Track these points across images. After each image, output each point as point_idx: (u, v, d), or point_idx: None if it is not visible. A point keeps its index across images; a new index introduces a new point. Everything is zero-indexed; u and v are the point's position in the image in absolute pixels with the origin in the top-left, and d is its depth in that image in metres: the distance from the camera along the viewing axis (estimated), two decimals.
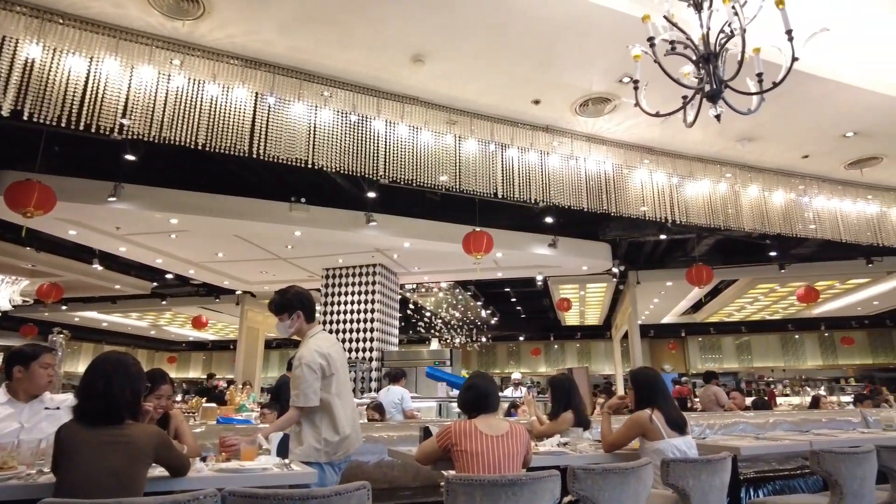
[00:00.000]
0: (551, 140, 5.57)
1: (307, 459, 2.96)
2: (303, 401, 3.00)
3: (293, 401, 3.04)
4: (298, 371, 3.07)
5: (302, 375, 3.03)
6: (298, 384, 3.03)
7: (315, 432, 3.04)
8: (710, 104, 2.59)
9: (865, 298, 16.67)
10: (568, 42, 4.27)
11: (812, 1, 4.16)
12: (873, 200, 7.00)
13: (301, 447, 3.02)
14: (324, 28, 4.22)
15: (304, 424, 3.06)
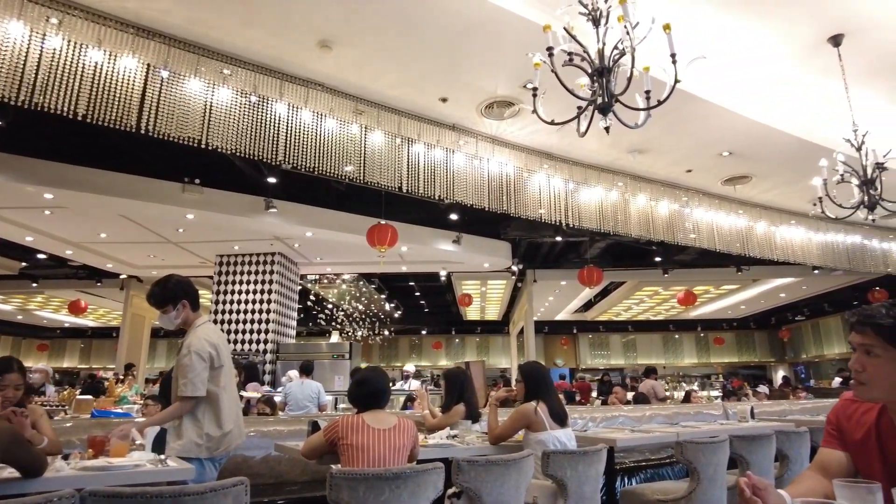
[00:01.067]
0: (457, 139, 5.65)
1: (186, 455, 2.81)
2: (191, 390, 2.85)
3: (181, 390, 2.88)
4: (187, 360, 2.91)
5: (191, 364, 2.89)
6: (187, 373, 2.88)
7: (196, 426, 2.90)
8: (601, 116, 2.73)
9: (735, 303, 18.45)
10: (476, 43, 4.35)
11: (700, 30, 4.52)
12: (743, 215, 7.74)
13: (180, 441, 2.87)
14: (227, 1, 4.00)
15: (184, 417, 2.90)
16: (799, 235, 8.28)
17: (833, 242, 8.64)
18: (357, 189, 7.59)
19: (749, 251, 7.84)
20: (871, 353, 1.49)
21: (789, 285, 15.52)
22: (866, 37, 4.66)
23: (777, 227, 8.07)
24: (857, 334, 1.53)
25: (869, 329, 1.50)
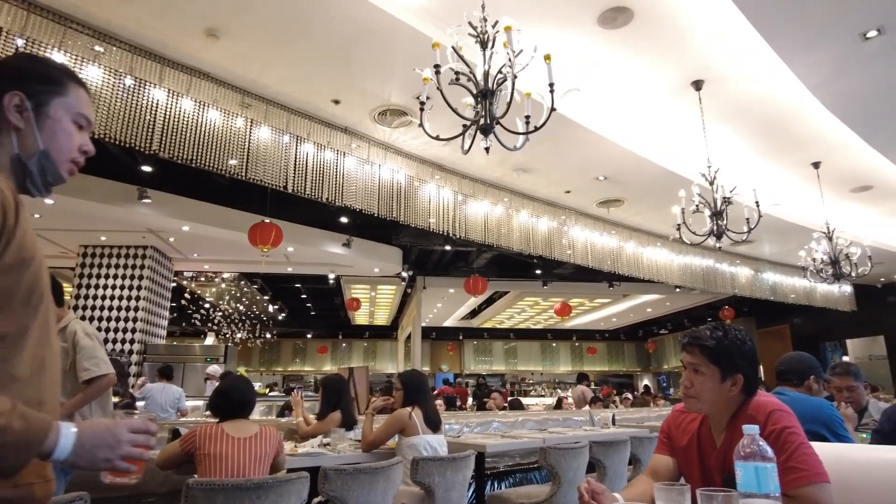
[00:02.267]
0: (349, 142, 5.61)
1: None
2: (105, 367, 2.77)
3: (92, 372, 2.74)
4: (86, 340, 2.80)
5: (93, 344, 2.80)
6: (95, 352, 2.78)
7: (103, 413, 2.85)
8: (483, 137, 2.85)
9: (607, 315, 19.83)
10: (369, 50, 4.36)
11: (583, 62, 4.86)
12: (615, 235, 8.37)
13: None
14: None
15: (94, 403, 2.79)
16: (663, 257, 9.10)
17: (691, 265, 9.60)
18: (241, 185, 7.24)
19: (619, 269, 8.48)
20: (698, 371, 1.68)
21: (655, 301, 16.96)
22: (722, 85, 5.26)
23: (644, 248, 8.81)
24: (688, 354, 1.72)
25: (696, 349, 1.69)
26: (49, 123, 1.10)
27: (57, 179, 1.13)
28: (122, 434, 1.00)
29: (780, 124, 6.02)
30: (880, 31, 4.23)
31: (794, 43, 4.39)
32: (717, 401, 1.66)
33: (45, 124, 1.09)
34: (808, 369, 2.79)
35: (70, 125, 1.13)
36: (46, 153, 1.09)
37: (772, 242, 9.88)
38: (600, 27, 4.44)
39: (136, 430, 1.02)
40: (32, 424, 0.90)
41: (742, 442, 1.29)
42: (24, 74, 1.10)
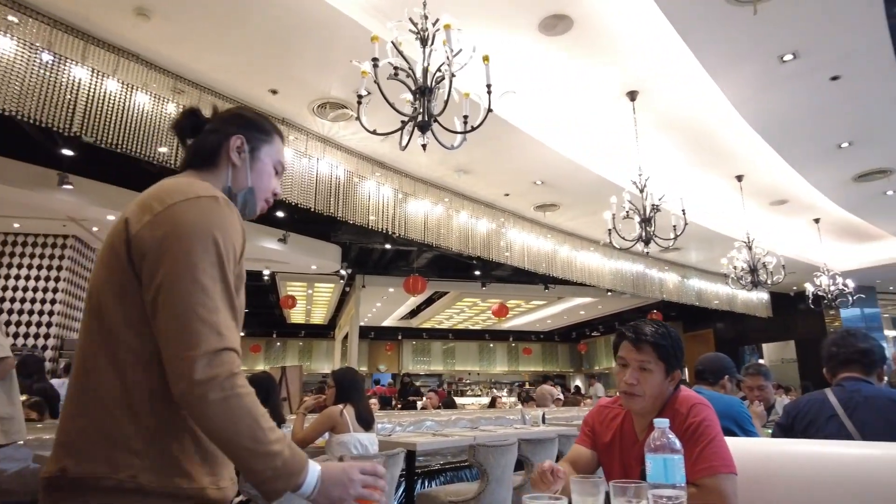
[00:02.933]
0: (287, 134, 5.47)
1: None
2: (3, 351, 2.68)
3: None
4: None
5: None
6: None
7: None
8: (421, 134, 2.85)
9: (542, 317, 20.27)
10: (310, 40, 4.27)
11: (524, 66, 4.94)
12: (550, 239, 8.56)
13: None
14: None
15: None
16: (595, 261, 9.38)
17: (622, 269, 9.95)
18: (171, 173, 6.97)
19: (553, 272, 8.69)
20: (646, 369, 1.67)
21: (588, 304, 17.48)
22: (655, 97, 5.48)
23: (578, 252, 9.06)
24: (635, 350, 1.69)
25: (649, 347, 1.68)
26: (258, 165, 1.27)
27: (252, 213, 1.28)
28: (355, 475, 1.07)
29: (708, 138, 6.34)
30: (795, 55, 4.53)
31: (719, 59, 4.63)
32: (657, 397, 1.68)
33: (256, 166, 1.26)
34: (723, 369, 2.94)
35: (271, 169, 1.30)
36: (252, 189, 1.26)
37: (698, 250, 10.39)
38: (541, 33, 4.53)
39: (366, 473, 1.10)
40: (297, 456, 1.01)
41: (652, 435, 1.34)
42: (247, 123, 1.28)
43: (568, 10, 4.26)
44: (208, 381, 0.94)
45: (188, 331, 0.96)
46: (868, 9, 4.06)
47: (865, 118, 5.70)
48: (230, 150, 1.23)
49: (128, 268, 1.03)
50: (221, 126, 1.25)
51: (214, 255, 1.03)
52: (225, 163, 1.23)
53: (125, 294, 1.03)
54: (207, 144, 1.24)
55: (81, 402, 1.03)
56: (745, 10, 3.97)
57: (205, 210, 1.06)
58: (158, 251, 1.01)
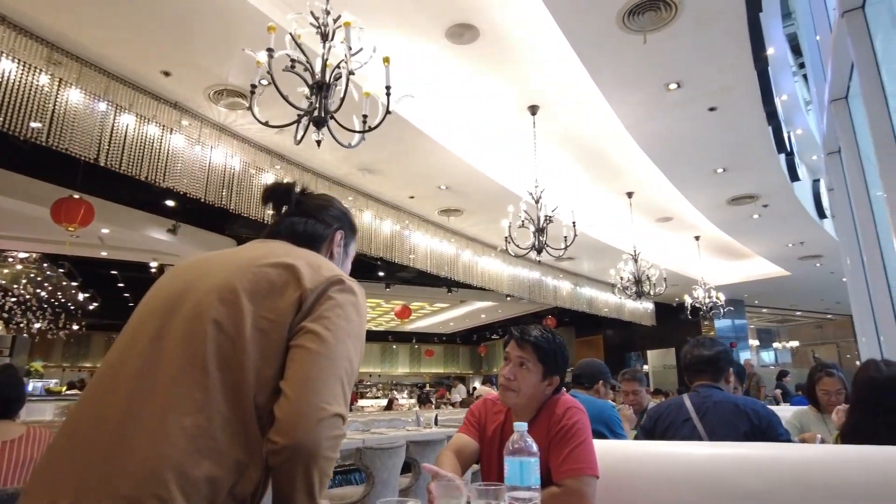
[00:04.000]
0: (179, 118, 5.15)
1: None
2: None
3: None
4: None
5: None
6: None
7: None
8: (316, 129, 2.78)
9: (445, 320, 20.52)
10: (209, 23, 4.05)
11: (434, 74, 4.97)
12: (453, 243, 8.68)
13: None
14: None
15: None
16: (495, 267, 9.63)
17: (520, 276, 10.28)
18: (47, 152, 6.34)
19: (455, 276, 8.81)
20: (524, 366, 1.74)
21: (489, 308, 17.91)
22: (555, 112, 5.72)
23: (479, 258, 9.26)
24: (518, 348, 1.76)
25: (529, 346, 1.75)
26: (347, 259, 1.45)
27: None
28: None
29: (602, 155, 6.70)
30: (679, 84, 4.90)
31: (613, 82, 4.92)
32: (532, 396, 1.75)
33: (346, 260, 1.45)
34: (598, 374, 3.11)
35: (350, 261, 1.48)
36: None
37: (590, 260, 10.96)
38: (449, 41, 4.58)
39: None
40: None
41: (511, 437, 1.38)
42: (349, 222, 1.46)
43: (475, 20, 4.35)
44: (329, 438, 0.99)
45: (331, 388, 1.02)
46: (739, 50, 4.48)
47: (738, 147, 6.28)
48: (334, 243, 1.39)
49: (291, 308, 1.10)
50: (330, 219, 1.41)
51: (361, 340, 1.15)
52: (325, 251, 1.37)
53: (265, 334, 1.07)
54: (318, 233, 1.37)
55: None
56: (637, 38, 4.24)
57: (362, 297, 1.20)
58: (329, 307, 1.10)
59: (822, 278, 12.55)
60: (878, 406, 1.95)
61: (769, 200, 7.96)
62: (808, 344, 20.90)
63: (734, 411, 2.20)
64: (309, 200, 1.44)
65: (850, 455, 1.63)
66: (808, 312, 18.81)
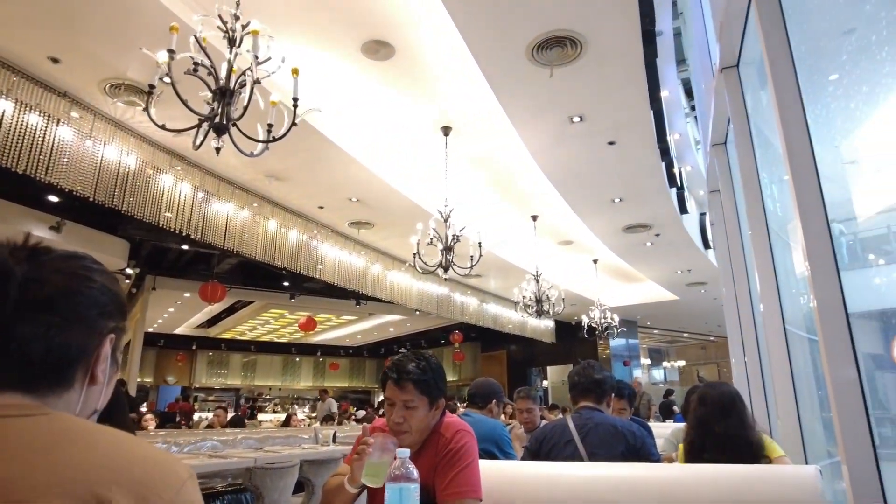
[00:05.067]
0: (68, 109, 4.77)
1: None
2: None
3: None
4: None
5: None
6: None
7: None
8: (216, 135, 2.68)
9: (353, 332, 20.22)
10: (106, 11, 3.80)
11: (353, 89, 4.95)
12: (363, 256, 8.61)
13: None
14: None
15: None
16: (405, 281, 9.64)
17: (429, 291, 10.35)
18: None
19: (364, 289, 8.73)
20: (410, 407, 1.70)
21: (397, 322, 17.86)
22: (466, 134, 5.86)
23: (388, 272, 9.23)
24: (399, 390, 1.71)
25: (410, 385, 1.70)
26: (115, 370, 0.83)
27: None
28: None
29: (510, 178, 6.94)
30: (582, 118, 5.20)
31: (521, 111, 5.13)
32: (425, 428, 1.74)
33: (114, 370, 0.82)
34: (491, 394, 3.19)
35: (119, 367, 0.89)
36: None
37: (496, 278, 11.26)
38: (364, 56, 4.59)
39: None
40: None
41: (394, 464, 1.39)
42: (117, 306, 0.81)
43: (390, 38, 4.39)
44: None
45: None
46: (637, 90, 4.83)
47: (634, 180, 6.73)
48: (100, 359, 0.77)
49: None
50: (93, 315, 0.76)
51: None
52: (83, 380, 0.76)
53: None
54: (71, 353, 0.73)
55: None
56: (545, 71, 4.45)
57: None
58: None
59: (706, 304, 13.64)
60: (705, 425, 2.21)
61: (661, 230, 8.56)
62: (694, 363, 22.64)
63: (613, 433, 2.34)
64: (50, 277, 0.73)
65: (701, 474, 1.80)
66: (694, 334, 20.37)
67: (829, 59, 2.50)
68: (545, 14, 3.91)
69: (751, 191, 3.27)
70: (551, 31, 4.05)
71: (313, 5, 4.05)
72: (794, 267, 3.16)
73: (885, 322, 2.41)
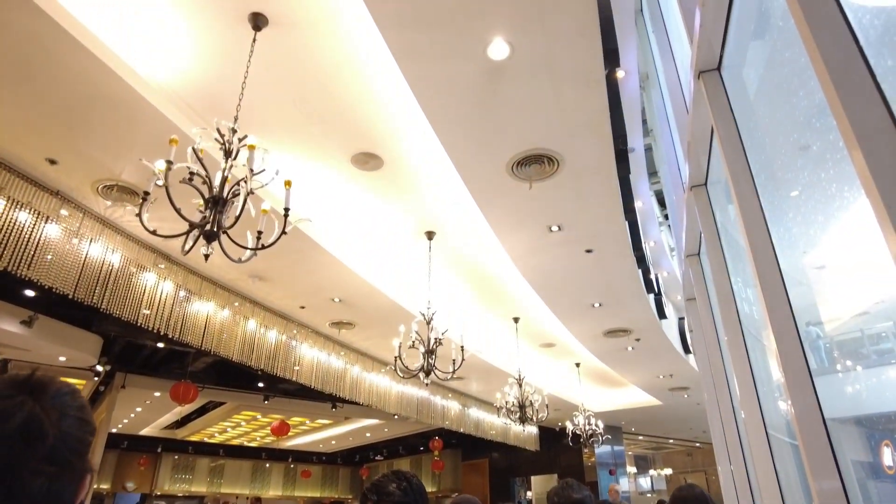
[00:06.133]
0: (58, 207, 4.85)
1: None
2: None
3: None
4: None
5: None
6: None
7: None
8: (206, 242, 2.74)
9: (327, 437, 19.35)
10: (106, 117, 3.99)
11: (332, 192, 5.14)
12: (342, 357, 8.47)
13: None
14: None
15: None
16: (383, 384, 9.43)
17: (408, 394, 10.11)
18: None
19: (342, 392, 8.50)
20: None
21: (375, 426, 17.19)
22: (449, 239, 6.03)
23: (368, 374, 9.05)
24: None
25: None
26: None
27: None
28: None
29: (491, 281, 7.05)
30: (560, 227, 5.41)
31: (502, 219, 5.33)
32: None
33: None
34: None
35: None
36: None
37: (478, 381, 11.07)
38: (354, 166, 4.82)
39: None
40: None
41: None
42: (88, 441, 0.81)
43: (379, 151, 4.64)
44: None
45: None
46: (612, 202, 5.08)
47: (612, 286, 6.88)
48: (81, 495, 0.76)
49: None
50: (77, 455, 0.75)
51: None
52: None
53: None
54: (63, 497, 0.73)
55: None
56: (524, 185, 4.70)
57: None
58: None
59: (689, 408, 13.45)
60: None
61: (640, 335, 8.63)
62: (681, 471, 21.87)
63: None
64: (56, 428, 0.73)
65: None
66: (680, 440, 19.88)
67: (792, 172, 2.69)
68: (523, 135, 4.20)
69: (725, 303, 3.37)
70: (529, 149, 4.33)
71: (308, 119, 4.30)
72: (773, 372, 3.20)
73: (871, 427, 2.41)
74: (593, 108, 4.01)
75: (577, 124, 4.16)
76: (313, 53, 3.77)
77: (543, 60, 3.57)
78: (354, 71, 3.90)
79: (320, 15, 3.49)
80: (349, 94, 4.10)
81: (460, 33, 3.35)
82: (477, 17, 3.24)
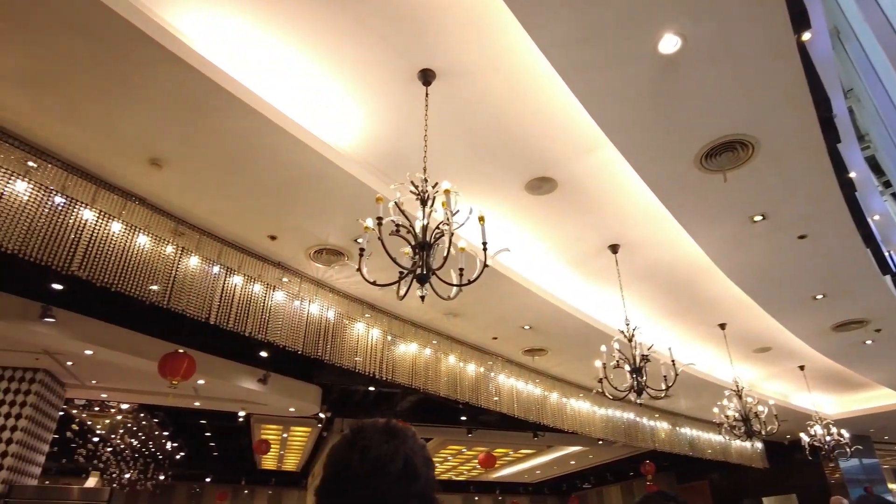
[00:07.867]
0: (281, 276, 5.58)
1: None
2: None
3: None
4: None
5: None
6: None
7: None
8: (419, 285, 2.94)
9: (531, 467, 19.22)
10: (312, 192, 4.52)
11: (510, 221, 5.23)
12: (539, 384, 8.43)
13: None
14: (47, 94, 3.74)
15: None
16: (585, 408, 9.17)
17: (613, 417, 9.69)
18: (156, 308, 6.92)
19: (543, 419, 8.43)
20: None
21: (578, 453, 16.70)
22: (635, 250, 5.77)
23: (567, 399, 8.88)
24: None
25: None
26: None
27: None
28: None
29: (688, 288, 6.56)
30: (764, 216, 4.88)
31: (696, 220, 4.96)
32: None
33: None
34: None
35: None
36: None
37: (687, 397, 10.24)
38: (528, 193, 4.87)
39: None
40: None
41: None
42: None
43: (551, 173, 4.63)
44: None
45: None
46: (823, 179, 4.47)
47: (835, 273, 5.99)
48: None
49: None
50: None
51: None
52: None
53: None
54: None
55: None
56: (717, 177, 4.34)
57: None
58: None
59: None
60: None
61: (881, 324, 7.36)
62: None
63: None
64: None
65: None
66: None
67: None
68: (709, 125, 3.90)
69: None
70: (718, 139, 4.00)
71: (480, 158, 4.47)
72: None
73: None
74: (787, 81, 3.61)
75: (770, 101, 3.76)
76: (482, 96, 3.93)
77: (720, 42, 3.31)
78: (520, 101, 3.98)
79: (484, 59, 3.65)
80: (517, 125, 4.19)
81: (627, 37, 3.25)
82: (642, 17, 3.12)
